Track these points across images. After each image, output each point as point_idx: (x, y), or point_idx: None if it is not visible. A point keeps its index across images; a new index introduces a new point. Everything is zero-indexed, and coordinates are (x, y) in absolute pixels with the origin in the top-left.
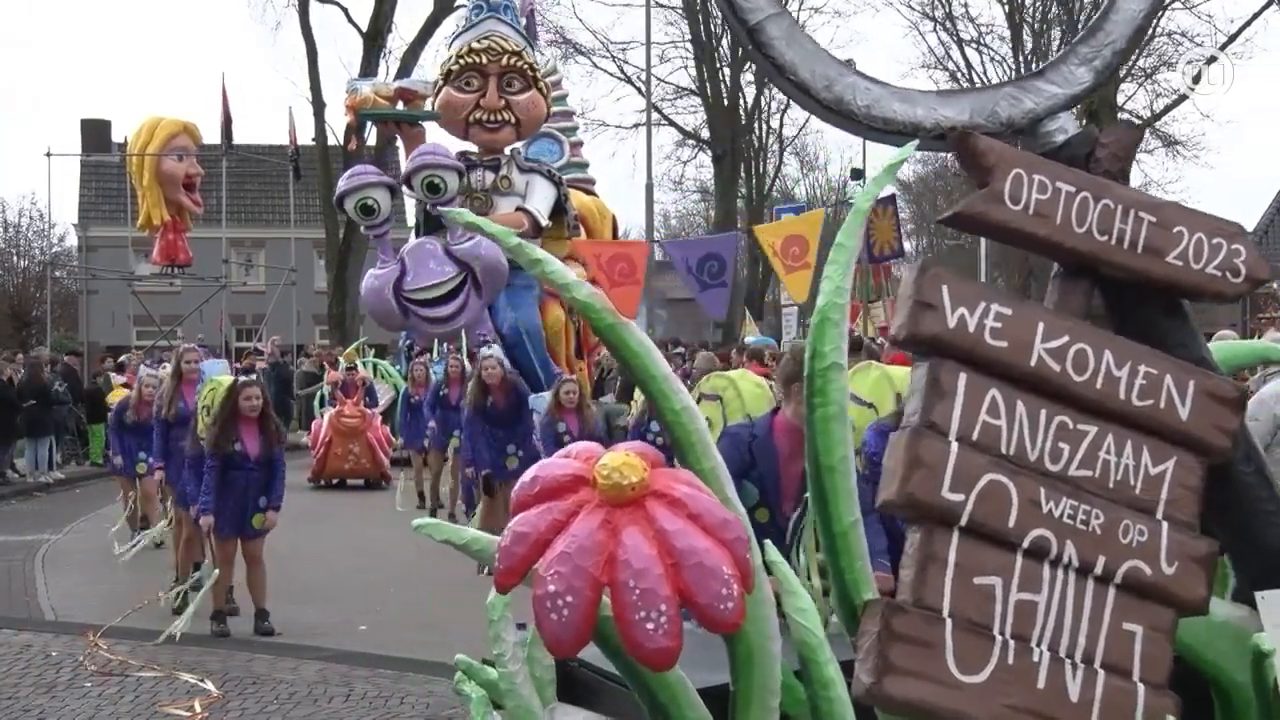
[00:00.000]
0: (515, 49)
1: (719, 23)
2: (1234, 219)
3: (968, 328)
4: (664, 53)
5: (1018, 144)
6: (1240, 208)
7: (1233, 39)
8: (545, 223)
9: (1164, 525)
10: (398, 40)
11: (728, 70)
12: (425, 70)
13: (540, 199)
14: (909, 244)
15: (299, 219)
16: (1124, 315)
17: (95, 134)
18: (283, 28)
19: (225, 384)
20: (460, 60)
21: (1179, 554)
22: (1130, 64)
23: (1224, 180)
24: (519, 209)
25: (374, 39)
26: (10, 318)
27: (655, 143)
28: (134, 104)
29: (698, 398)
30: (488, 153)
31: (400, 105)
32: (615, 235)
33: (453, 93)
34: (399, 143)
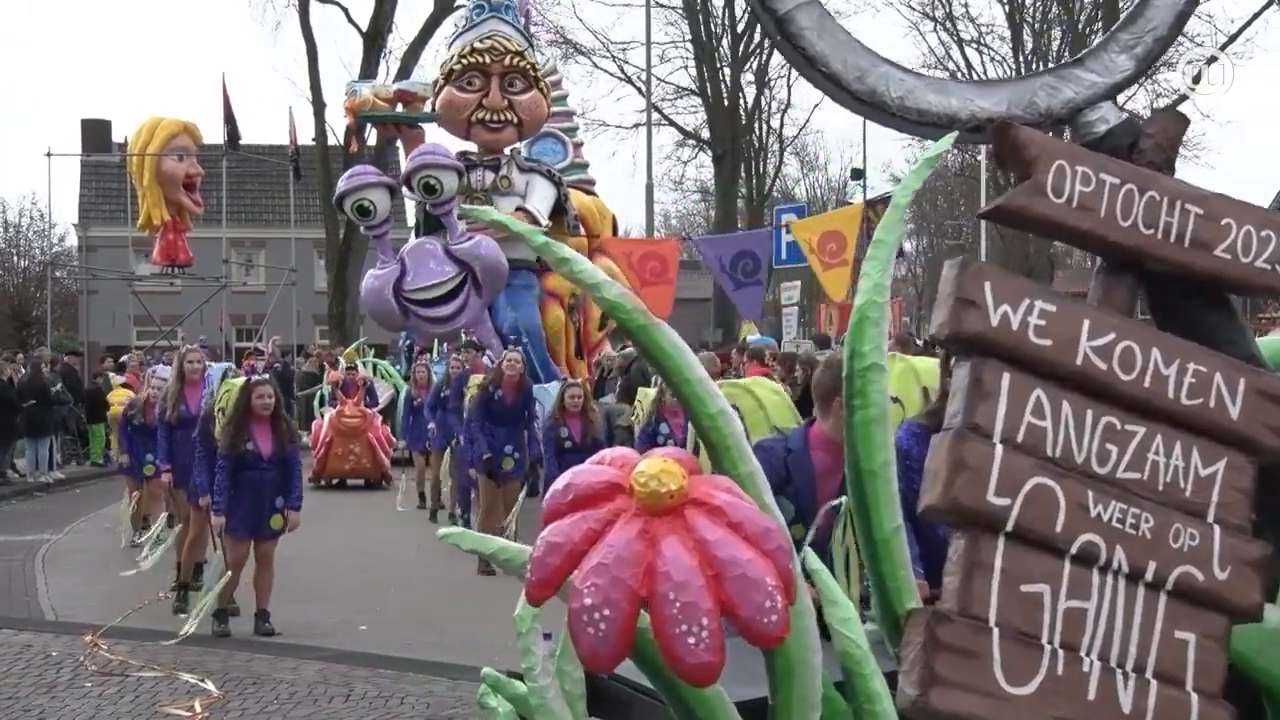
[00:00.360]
0: (518, 49)
1: (719, 23)
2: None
3: (1011, 325)
4: (664, 53)
5: (1064, 135)
6: None
7: (1233, 39)
8: (545, 222)
9: (1216, 529)
10: (398, 40)
11: (728, 70)
12: (425, 70)
13: (540, 199)
14: (909, 244)
15: (299, 219)
16: (1170, 311)
17: (95, 134)
18: (283, 28)
19: (239, 384)
20: (463, 60)
21: (1231, 558)
22: None
23: (1224, 180)
24: (519, 209)
25: (374, 39)
26: (10, 318)
27: (655, 143)
28: (134, 104)
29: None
30: (488, 152)
31: (400, 107)
32: (615, 235)
33: (455, 92)
34: (399, 143)
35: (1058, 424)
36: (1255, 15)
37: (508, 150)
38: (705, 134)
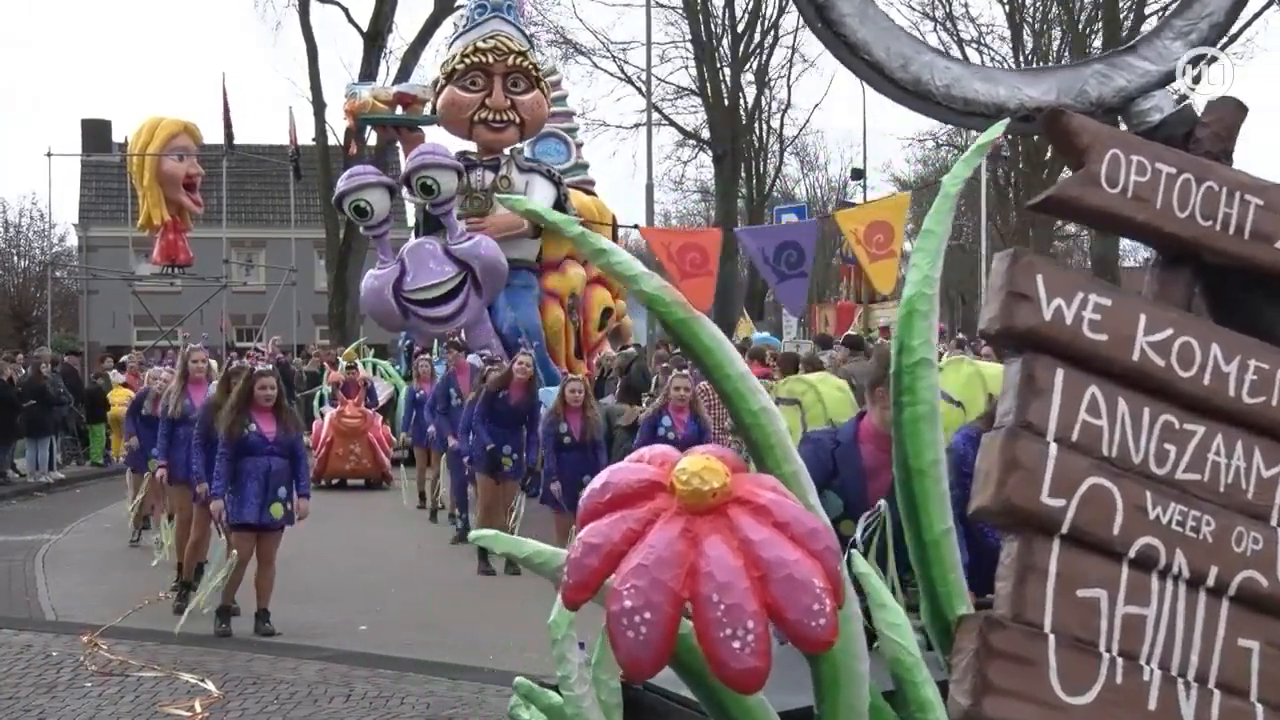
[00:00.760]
0: (520, 49)
1: (719, 23)
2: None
3: (1065, 320)
4: (664, 53)
5: (1118, 124)
6: None
7: (1233, 39)
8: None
9: (1279, 532)
10: (398, 40)
11: (728, 70)
12: (425, 70)
13: (540, 199)
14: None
15: (299, 219)
16: (1228, 305)
17: (96, 134)
18: (283, 28)
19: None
20: (465, 59)
21: None
22: None
23: None
24: None
25: (374, 39)
26: (11, 318)
27: (656, 143)
28: (134, 104)
29: (775, 402)
30: (487, 152)
31: (399, 109)
32: (615, 236)
33: (457, 92)
34: (399, 145)
35: (1114, 422)
36: (1255, 15)
37: (507, 150)
38: (705, 134)
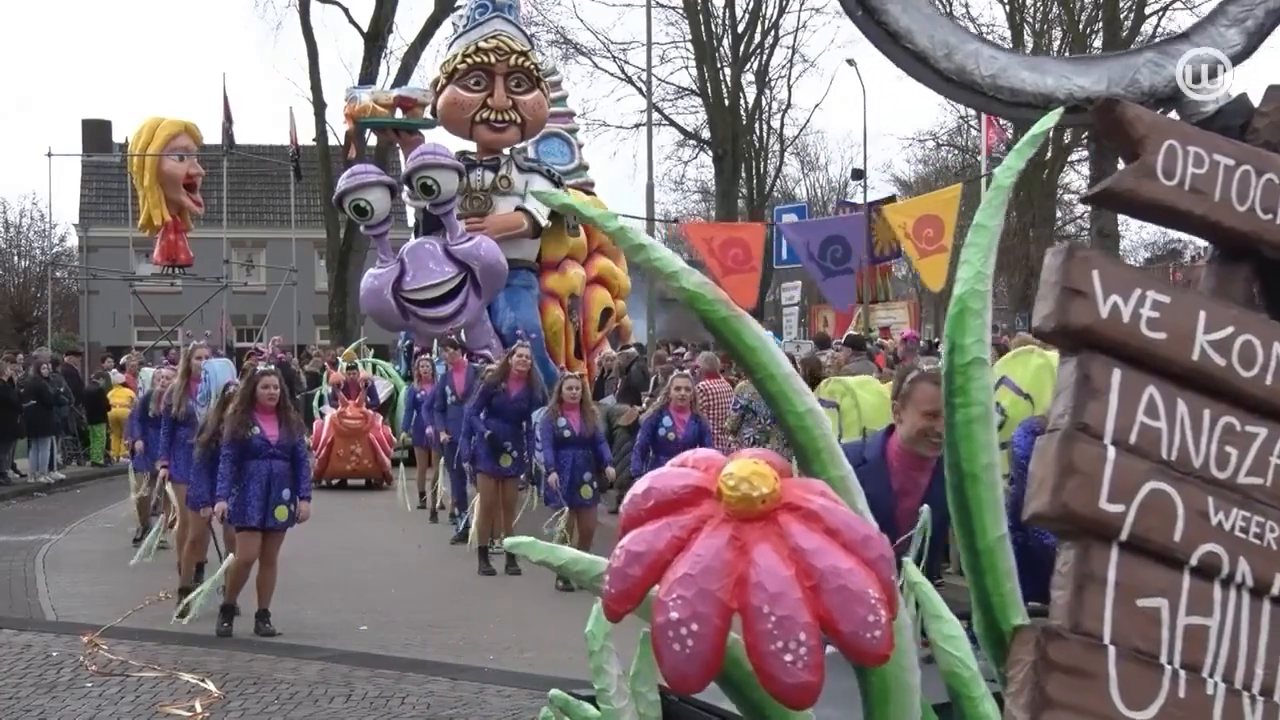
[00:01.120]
0: (522, 49)
1: (719, 23)
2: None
3: (1122, 317)
4: (665, 53)
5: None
6: None
7: None
8: (545, 223)
9: None
10: (398, 40)
11: (728, 70)
12: (426, 70)
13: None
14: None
15: (300, 219)
16: None
17: (96, 134)
18: (283, 28)
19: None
20: (467, 59)
21: None
22: None
23: None
24: (518, 209)
25: (375, 39)
26: (11, 318)
27: (656, 143)
28: (134, 104)
29: None
30: (487, 152)
31: (399, 112)
32: None
33: (459, 91)
34: (399, 148)
35: (1173, 424)
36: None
37: (506, 150)
38: (706, 134)
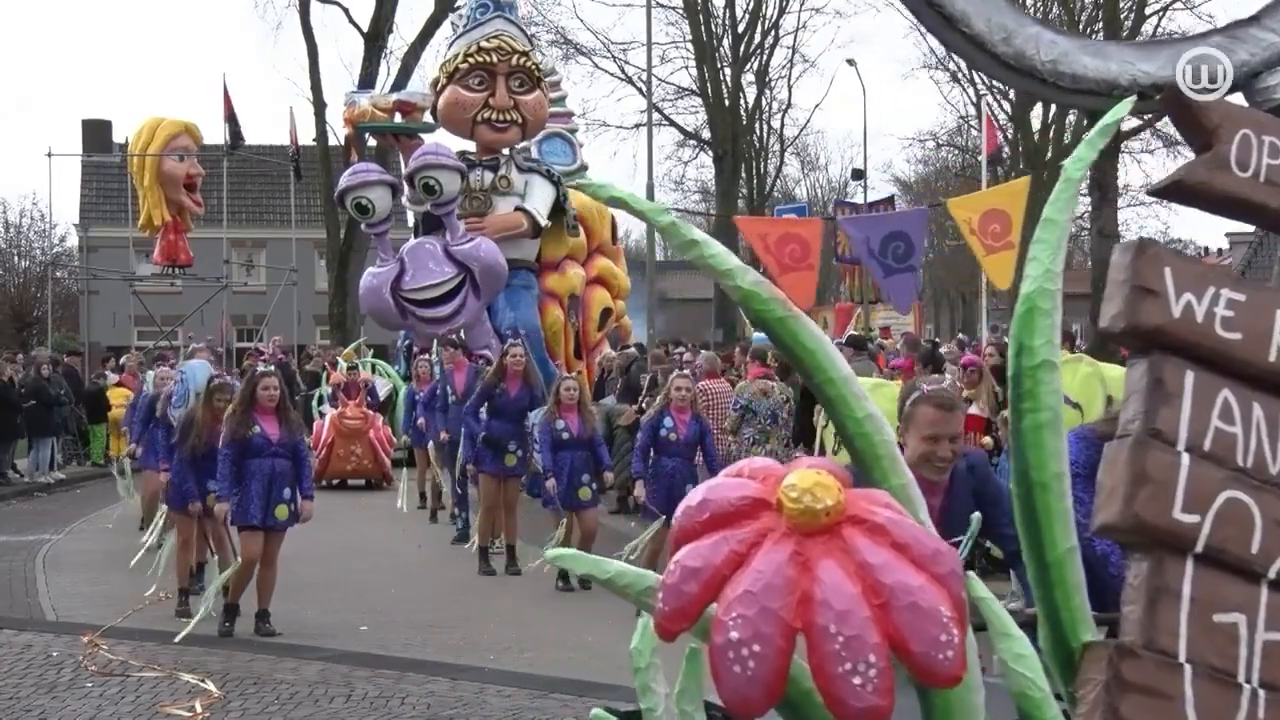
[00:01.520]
0: (523, 49)
1: (719, 23)
2: (1233, 220)
3: (1195, 317)
4: (665, 53)
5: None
6: None
7: None
8: (544, 222)
9: None
10: (398, 40)
11: (728, 70)
12: (426, 70)
13: (539, 199)
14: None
15: (300, 219)
16: None
17: (96, 134)
18: (283, 28)
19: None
20: (469, 59)
21: None
22: None
23: None
24: (518, 209)
25: (375, 39)
26: (11, 318)
27: (656, 143)
28: (134, 104)
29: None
30: (486, 152)
31: (398, 116)
32: (615, 236)
33: (461, 91)
34: (400, 151)
35: (1249, 430)
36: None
37: (505, 150)
38: (706, 134)
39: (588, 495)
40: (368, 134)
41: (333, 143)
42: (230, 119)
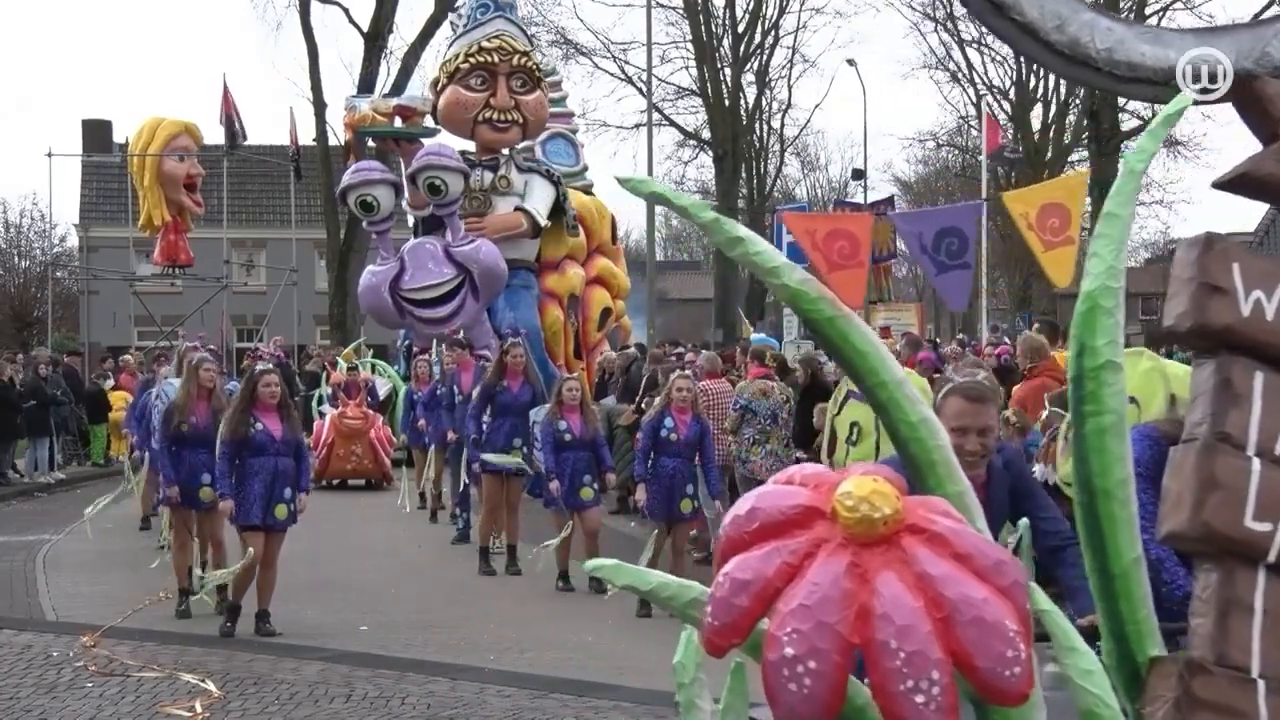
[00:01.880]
0: (524, 49)
1: (719, 23)
2: (1234, 220)
3: (1265, 316)
4: (665, 53)
5: None
6: (1241, 209)
7: None
8: (544, 222)
9: None
10: (398, 41)
11: (728, 70)
12: (426, 70)
13: (539, 199)
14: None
15: (300, 219)
16: None
17: (96, 134)
18: (283, 28)
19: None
20: (470, 59)
21: None
22: None
23: None
24: (518, 209)
25: (375, 39)
26: (11, 318)
27: (656, 143)
28: (134, 104)
29: (844, 395)
30: (486, 152)
31: (398, 121)
32: (615, 236)
33: (462, 91)
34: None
35: None
36: (1255, 16)
37: (505, 150)
38: (706, 134)
39: (590, 495)
40: (368, 139)
41: (333, 143)
42: (228, 120)
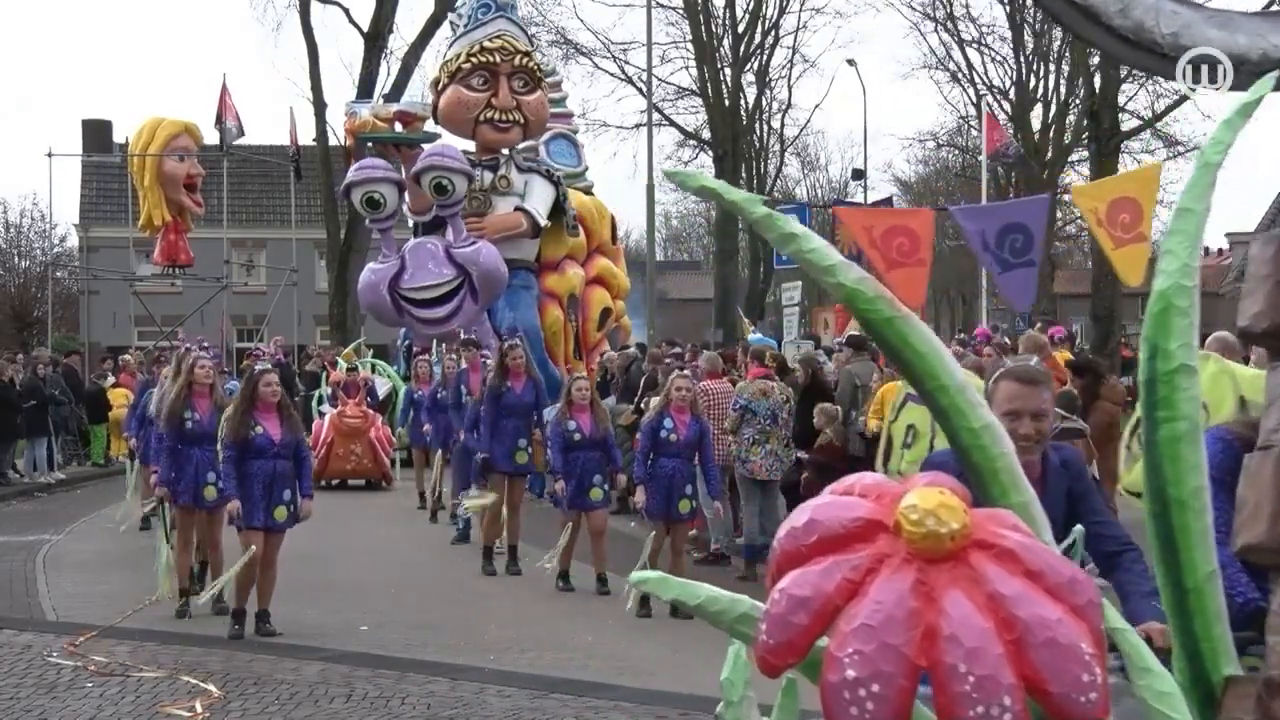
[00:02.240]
0: (526, 49)
1: (720, 23)
2: (1234, 220)
3: None
4: (665, 53)
5: None
6: (1241, 209)
7: None
8: (544, 222)
9: None
10: (399, 40)
11: (729, 71)
12: (426, 70)
13: (539, 199)
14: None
15: (300, 219)
16: None
17: (96, 134)
18: (283, 28)
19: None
20: (471, 59)
21: None
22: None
23: (1225, 180)
24: (518, 209)
25: (375, 39)
26: (11, 318)
27: (656, 143)
28: (134, 104)
29: (902, 400)
30: (486, 152)
31: (398, 127)
32: (614, 236)
33: (463, 90)
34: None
35: None
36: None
37: (505, 150)
38: (706, 134)
39: (599, 496)
40: (369, 144)
41: (333, 143)
42: (218, 119)
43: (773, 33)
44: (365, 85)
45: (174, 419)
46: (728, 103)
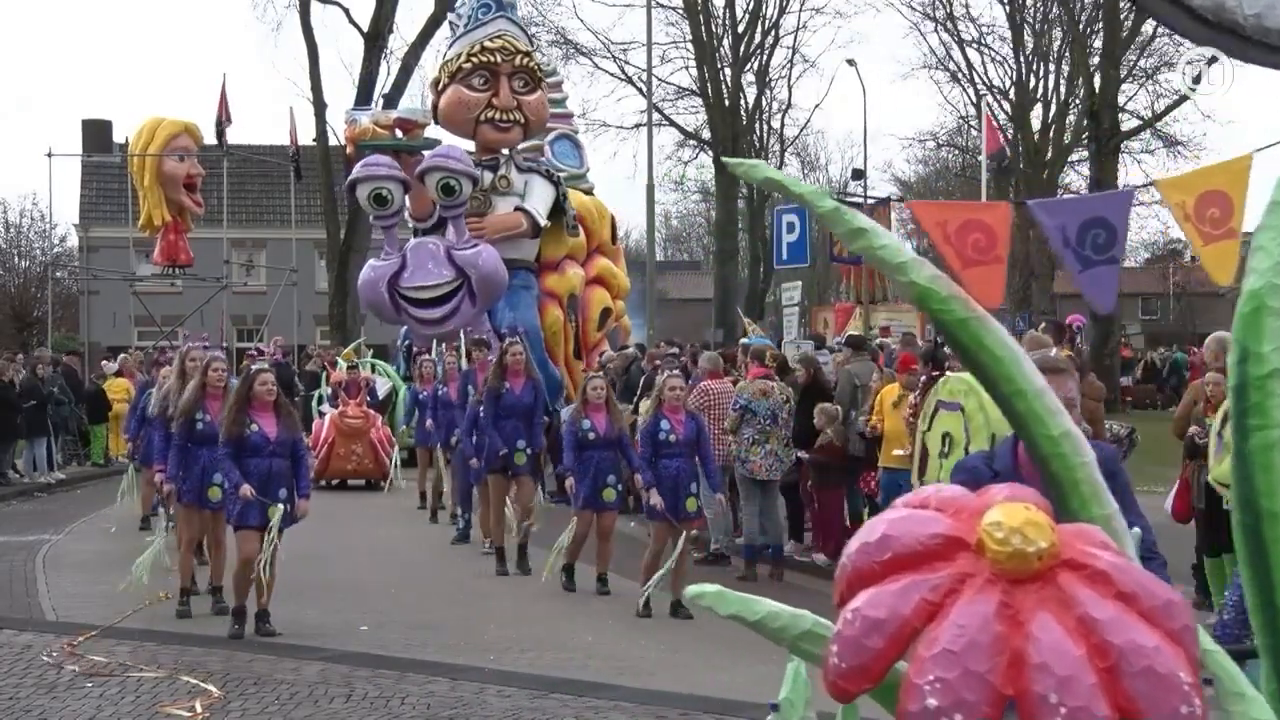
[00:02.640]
0: (526, 49)
1: (720, 23)
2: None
3: None
4: (665, 53)
5: None
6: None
7: None
8: (544, 222)
9: None
10: (398, 40)
11: (728, 70)
12: (426, 70)
13: (539, 199)
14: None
15: (300, 219)
16: None
17: (96, 134)
18: (283, 28)
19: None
20: (472, 59)
21: None
22: (1131, 65)
23: None
24: (517, 209)
25: (375, 39)
26: (11, 318)
27: (656, 143)
28: (134, 104)
29: (934, 407)
30: (486, 152)
31: (399, 134)
32: (614, 236)
33: (464, 90)
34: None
35: None
36: None
37: (505, 150)
38: (706, 134)
39: (612, 496)
40: (369, 151)
41: (333, 143)
42: (226, 119)
43: (773, 33)
44: (365, 85)
45: (186, 418)
46: (728, 103)
